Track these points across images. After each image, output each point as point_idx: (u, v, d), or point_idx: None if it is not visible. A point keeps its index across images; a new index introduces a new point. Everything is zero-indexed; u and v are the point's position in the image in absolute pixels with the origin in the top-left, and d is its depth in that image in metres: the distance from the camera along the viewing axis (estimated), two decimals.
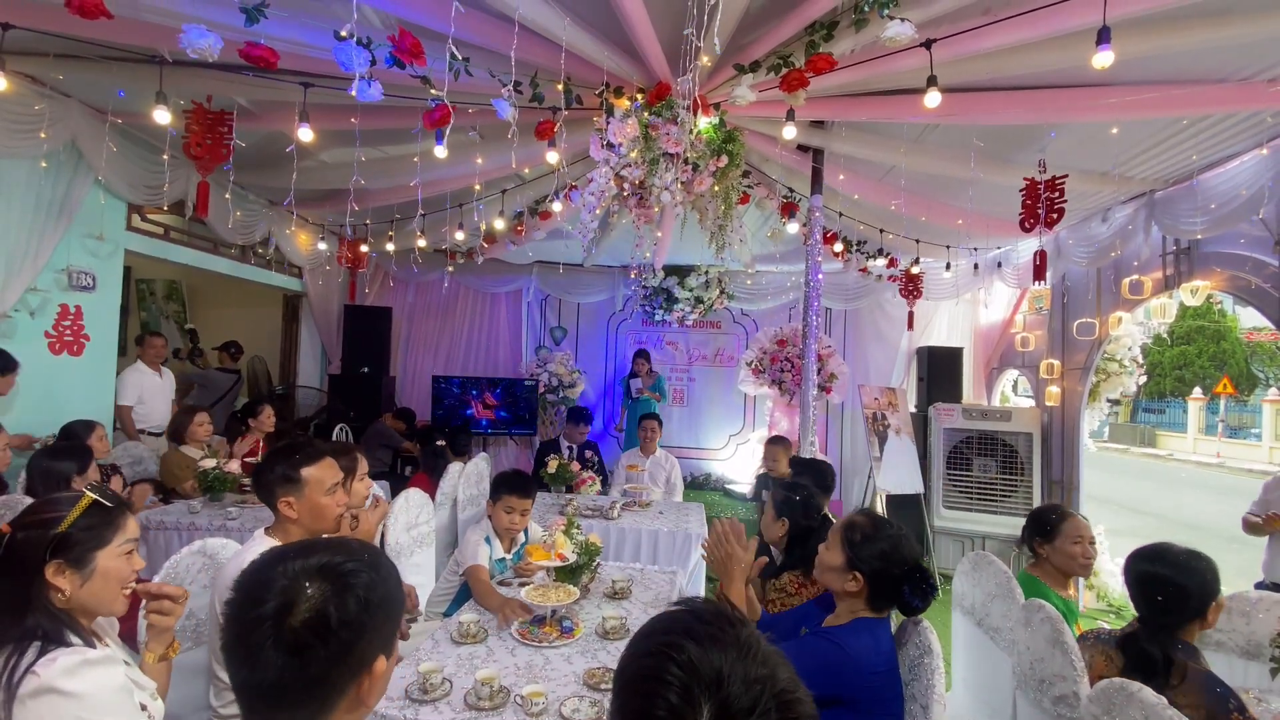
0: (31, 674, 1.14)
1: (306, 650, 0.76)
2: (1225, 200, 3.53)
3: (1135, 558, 1.83)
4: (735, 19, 2.67)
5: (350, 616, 0.78)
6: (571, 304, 7.89)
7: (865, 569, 1.69)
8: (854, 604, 1.73)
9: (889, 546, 1.70)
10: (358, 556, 0.85)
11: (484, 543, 2.73)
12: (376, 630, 0.82)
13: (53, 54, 3.08)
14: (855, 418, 6.97)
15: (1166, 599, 1.72)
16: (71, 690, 1.15)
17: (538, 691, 1.67)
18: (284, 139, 3.34)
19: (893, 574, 1.68)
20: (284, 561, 0.82)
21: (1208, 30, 2.45)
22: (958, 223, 4.73)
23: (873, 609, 1.72)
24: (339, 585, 0.80)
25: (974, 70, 2.84)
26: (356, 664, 0.80)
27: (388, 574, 0.87)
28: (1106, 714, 1.45)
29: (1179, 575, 1.72)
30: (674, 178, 3.04)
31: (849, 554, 1.71)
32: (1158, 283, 4.48)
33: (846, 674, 1.59)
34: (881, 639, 1.67)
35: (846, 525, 1.78)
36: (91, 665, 1.20)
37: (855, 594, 1.71)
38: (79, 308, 4.03)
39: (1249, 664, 2.26)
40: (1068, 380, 5.39)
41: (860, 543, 1.71)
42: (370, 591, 0.81)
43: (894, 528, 1.76)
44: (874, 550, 1.69)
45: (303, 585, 0.79)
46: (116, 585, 1.33)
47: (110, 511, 1.34)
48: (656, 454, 4.94)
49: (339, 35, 2.24)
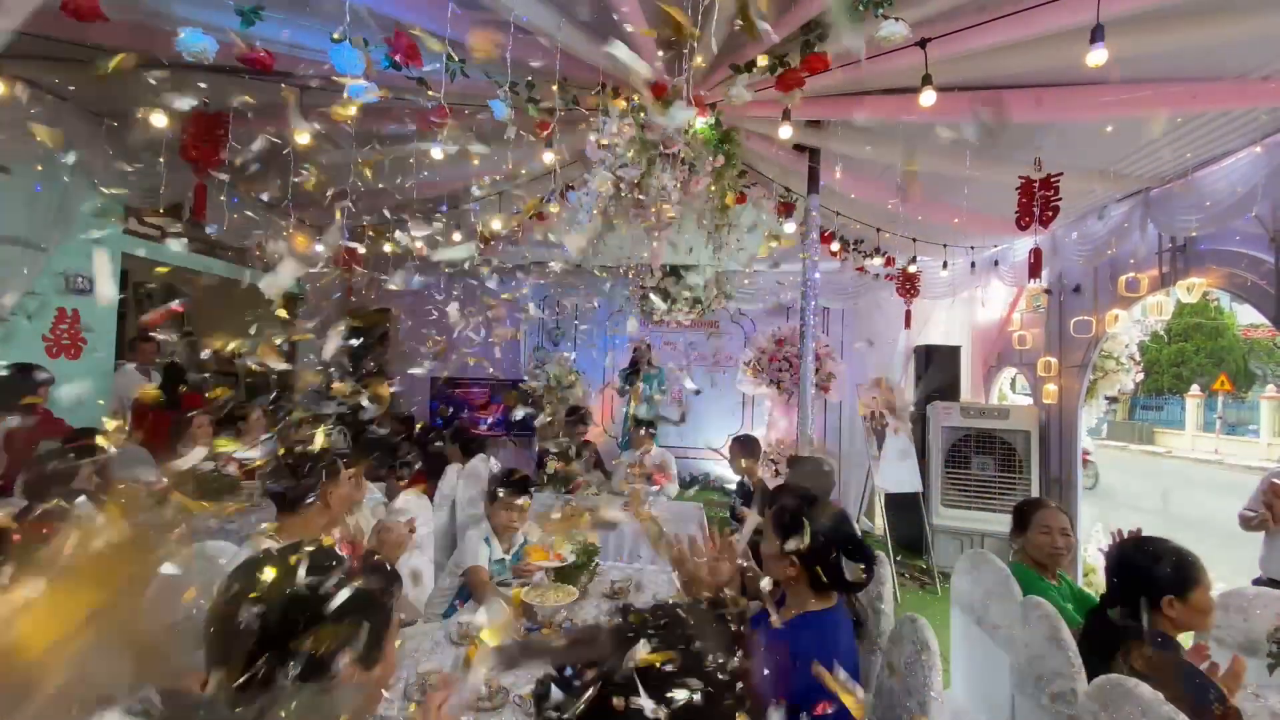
0: None
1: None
2: (1220, 198, 3.54)
3: (1113, 546, 1.95)
4: (731, 19, 2.67)
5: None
6: (569, 305, 7.90)
7: (793, 549, 1.65)
8: (799, 591, 1.69)
9: (820, 526, 1.66)
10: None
11: (484, 543, 2.74)
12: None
13: (49, 57, 3.08)
14: (853, 417, 6.98)
15: (1123, 577, 1.84)
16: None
17: None
18: (280, 141, 3.35)
19: (825, 552, 1.64)
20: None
21: (1201, 28, 2.46)
22: (954, 221, 4.74)
23: (816, 595, 1.67)
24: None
25: (969, 69, 2.85)
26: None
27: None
28: (1104, 710, 1.46)
29: (1137, 556, 1.83)
30: (671, 178, 3.05)
31: (782, 538, 1.69)
32: (1154, 280, 4.49)
33: (791, 674, 1.50)
34: (826, 633, 1.62)
35: (777, 510, 1.76)
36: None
37: (795, 578, 1.68)
38: (76, 311, 4.03)
39: (1247, 659, 2.27)
40: (1065, 378, 5.40)
41: (790, 525, 1.68)
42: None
43: (823, 506, 1.74)
44: (798, 528, 1.66)
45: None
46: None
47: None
48: (653, 452, 4.97)
49: (335, 38, 2.24)
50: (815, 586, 1.67)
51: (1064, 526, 2.38)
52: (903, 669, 1.72)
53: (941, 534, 5.56)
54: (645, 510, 1.99)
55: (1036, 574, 2.37)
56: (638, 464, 4.86)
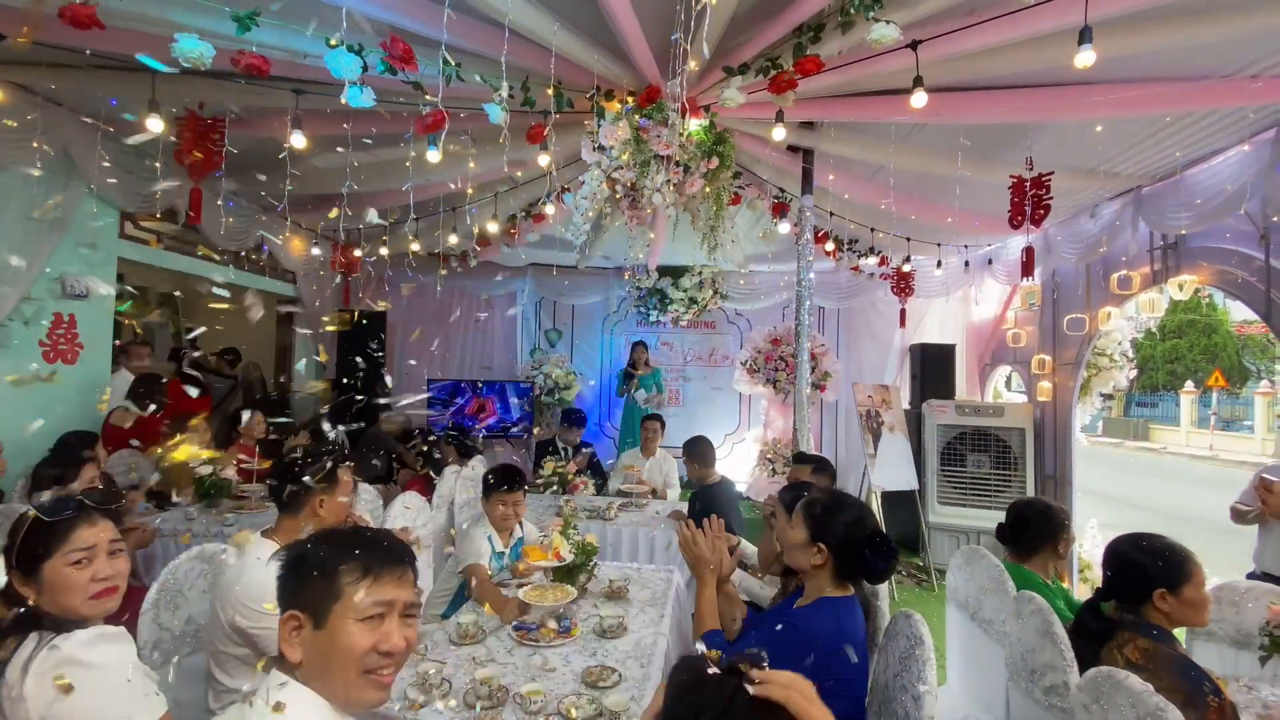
0: (51, 648, 1.22)
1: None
2: (1210, 195, 3.57)
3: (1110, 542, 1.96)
4: (723, 22, 2.70)
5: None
6: (566, 306, 7.92)
7: (830, 540, 1.76)
8: (819, 580, 1.80)
9: (850, 517, 1.78)
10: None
11: (485, 540, 2.77)
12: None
13: (45, 64, 3.09)
14: (849, 416, 7.01)
15: (1117, 570, 1.85)
16: (90, 660, 1.23)
17: (536, 690, 1.69)
18: (276, 145, 3.36)
19: (855, 541, 1.75)
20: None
21: (1188, 28, 2.49)
22: (947, 221, 4.77)
23: (837, 584, 1.78)
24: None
25: (960, 70, 2.88)
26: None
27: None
28: (1095, 702, 1.48)
29: (1131, 551, 1.83)
30: (665, 179, 3.07)
31: (813, 528, 1.79)
32: (1146, 278, 4.53)
33: (804, 654, 1.62)
34: (843, 618, 1.72)
35: (807, 502, 1.87)
36: (107, 639, 1.29)
37: (820, 567, 1.78)
38: (72, 316, 4.03)
39: (1239, 653, 2.29)
40: (1059, 375, 5.43)
41: (822, 515, 1.79)
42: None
43: (852, 500, 1.88)
44: (836, 521, 1.77)
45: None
46: (70, 592, 1.39)
47: (51, 525, 1.41)
48: (656, 455, 4.95)
49: (330, 43, 2.25)
50: (838, 575, 1.78)
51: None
52: (897, 664, 1.74)
53: (937, 531, 5.59)
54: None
55: (1032, 571, 2.37)
56: (636, 466, 4.86)
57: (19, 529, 1.41)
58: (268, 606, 1.48)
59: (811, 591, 1.82)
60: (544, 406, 7.34)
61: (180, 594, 1.97)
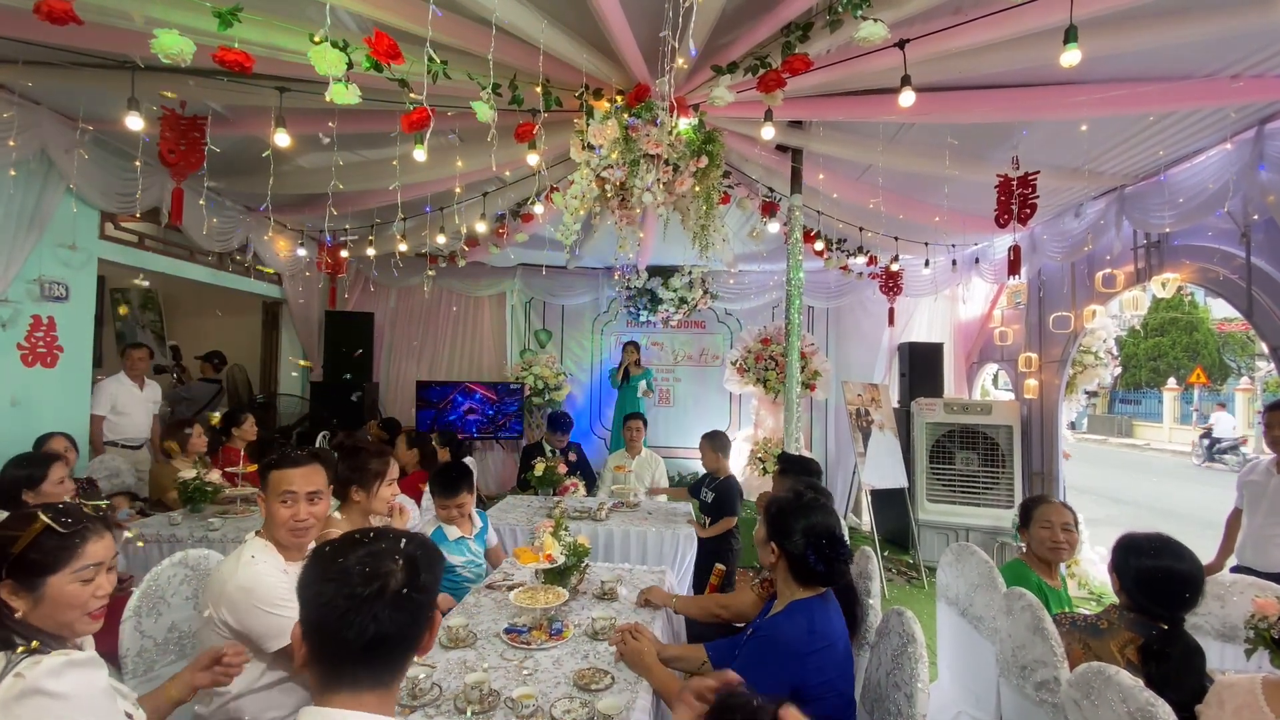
0: (16, 675, 1.14)
1: (414, 607, 0.99)
2: (1193, 194, 3.61)
3: (1134, 552, 1.83)
4: (711, 21, 2.69)
5: (428, 583, 1.03)
6: (556, 306, 7.89)
7: (781, 540, 1.77)
8: (786, 581, 1.80)
9: (804, 519, 1.76)
10: (418, 541, 1.08)
11: (442, 539, 2.86)
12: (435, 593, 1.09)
13: (21, 60, 3.02)
14: (839, 414, 7.03)
15: (1181, 593, 1.75)
16: (56, 691, 1.15)
17: (528, 694, 1.67)
18: (260, 144, 3.30)
19: (803, 543, 1.73)
20: (386, 544, 1.02)
21: (1170, 28, 2.52)
22: (935, 220, 4.80)
23: (801, 585, 1.77)
24: (426, 559, 1.04)
25: (946, 69, 2.89)
26: (429, 616, 1.05)
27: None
28: (1086, 698, 1.49)
29: (1191, 568, 1.76)
30: (655, 179, 3.06)
31: (769, 526, 1.82)
32: (1130, 276, 4.58)
33: (782, 661, 1.62)
34: (816, 619, 1.70)
35: (770, 500, 1.90)
36: (76, 666, 1.20)
37: (776, 566, 1.80)
38: (51, 318, 3.95)
39: (1224, 646, 2.31)
40: (1045, 373, 5.48)
41: (776, 515, 1.81)
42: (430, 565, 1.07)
43: (811, 502, 1.82)
44: (787, 522, 1.77)
45: (405, 560, 1.01)
46: (72, 609, 1.32)
47: (65, 537, 1.32)
48: (643, 454, 4.96)
49: (315, 40, 2.22)
50: (798, 577, 1.77)
51: (1065, 522, 2.39)
52: (889, 662, 1.74)
53: (927, 529, 5.62)
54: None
55: (1030, 570, 2.38)
56: (625, 466, 4.85)
57: (20, 535, 1.29)
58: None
59: (783, 595, 1.82)
60: (534, 407, 7.31)
61: (163, 600, 1.93)
